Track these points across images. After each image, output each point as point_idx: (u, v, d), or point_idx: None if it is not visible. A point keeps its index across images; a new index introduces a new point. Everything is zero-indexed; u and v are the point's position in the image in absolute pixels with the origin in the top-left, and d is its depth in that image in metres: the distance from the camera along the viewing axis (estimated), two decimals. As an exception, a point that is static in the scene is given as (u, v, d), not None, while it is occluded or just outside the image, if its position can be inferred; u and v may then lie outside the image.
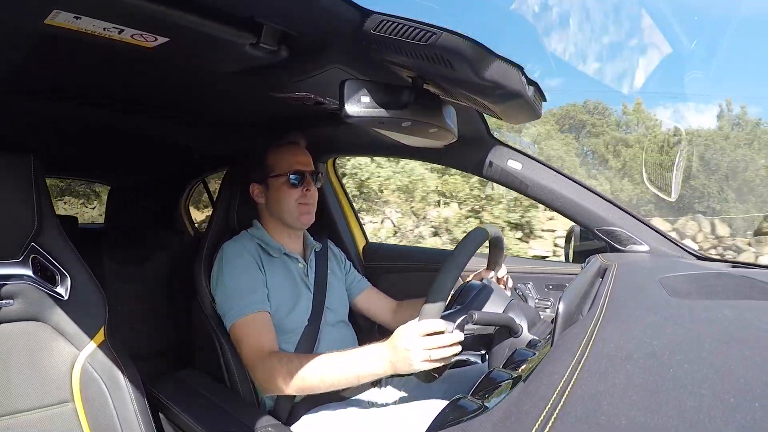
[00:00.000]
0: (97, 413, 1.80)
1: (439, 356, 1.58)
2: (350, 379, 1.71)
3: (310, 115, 2.12)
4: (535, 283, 2.44)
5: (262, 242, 2.15)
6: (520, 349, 1.60)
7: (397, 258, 2.98)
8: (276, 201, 2.15)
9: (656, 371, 0.73)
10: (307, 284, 2.20)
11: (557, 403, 0.69)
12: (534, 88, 1.31)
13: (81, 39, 1.31)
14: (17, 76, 1.78)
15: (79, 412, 1.80)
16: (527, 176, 2.17)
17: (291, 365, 1.78)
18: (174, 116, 2.53)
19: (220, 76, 1.68)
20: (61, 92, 2.10)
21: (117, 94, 2.15)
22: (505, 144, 2.22)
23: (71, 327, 1.82)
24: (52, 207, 1.90)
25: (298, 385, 1.76)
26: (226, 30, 1.31)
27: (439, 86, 1.36)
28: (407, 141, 1.55)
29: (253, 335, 1.91)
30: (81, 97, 2.16)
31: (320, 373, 1.73)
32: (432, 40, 1.12)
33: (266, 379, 1.82)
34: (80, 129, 2.78)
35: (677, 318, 0.99)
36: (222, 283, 2.02)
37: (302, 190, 2.14)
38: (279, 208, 2.15)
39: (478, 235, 1.75)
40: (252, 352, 1.88)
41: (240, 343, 1.93)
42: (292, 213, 2.14)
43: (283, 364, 1.80)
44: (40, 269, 1.82)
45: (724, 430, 0.56)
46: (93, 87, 2.04)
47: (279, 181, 2.14)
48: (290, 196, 2.13)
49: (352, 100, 1.23)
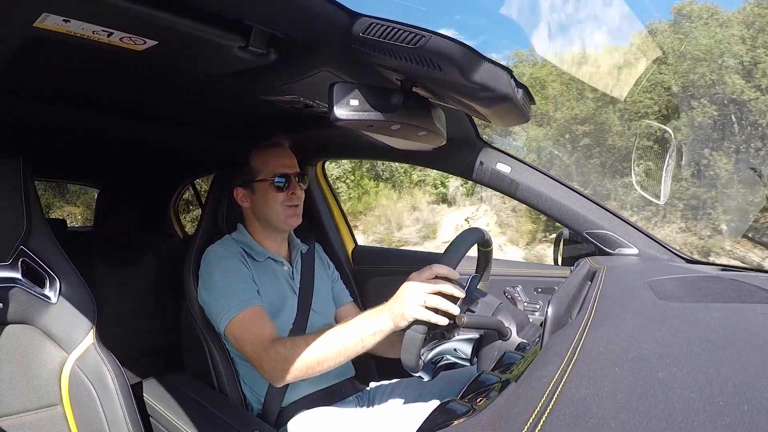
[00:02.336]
0: (86, 416, 1.80)
1: (434, 303, 1.57)
2: (355, 344, 1.70)
3: (300, 118, 2.12)
4: (524, 286, 2.44)
5: (246, 246, 2.14)
6: (509, 352, 1.60)
7: (386, 261, 2.98)
8: (262, 204, 2.14)
9: (645, 374, 0.73)
10: (292, 287, 2.19)
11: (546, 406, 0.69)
12: (523, 91, 1.31)
13: (70, 42, 1.30)
14: (5, 79, 1.77)
15: (67, 414, 1.79)
16: (516, 179, 2.17)
17: (297, 347, 1.77)
18: (163, 119, 2.52)
19: (209, 79, 1.67)
20: (50, 95, 2.09)
21: (106, 97, 2.14)
22: (495, 147, 2.23)
23: (60, 330, 1.82)
24: (41, 210, 1.90)
25: (307, 364, 1.74)
26: (215, 33, 1.30)
27: (428, 89, 1.37)
28: (396, 144, 1.55)
29: (253, 328, 1.89)
30: (70, 99, 2.15)
31: (326, 347, 1.72)
32: (421, 43, 1.12)
33: (275, 367, 1.80)
34: (69, 131, 2.77)
35: (666, 321, 0.99)
36: (211, 286, 2.01)
37: (288, 194, 2.13)
38: (265, 211, 2.14)
39: (474, 232, 1.79)
40: (256, 344, 1.86)
41: (241, 339, 1.90)
42: (279, 215, 2.13)
43: (288, 348, 1.78)
44: (28, 272, 1.82)
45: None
46: (82, 90, 2.03)
47: (264, 185, 2.12)
48: (276, 199, 2.12)
49: (341, 103, 1.22)
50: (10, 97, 2.05)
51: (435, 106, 1.42)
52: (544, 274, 2.49)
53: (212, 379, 2.08)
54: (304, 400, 2.01)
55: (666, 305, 1.15)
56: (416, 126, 1.36)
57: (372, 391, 2.23)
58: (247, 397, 2.06)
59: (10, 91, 1.98)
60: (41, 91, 2.03)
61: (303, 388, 2.04)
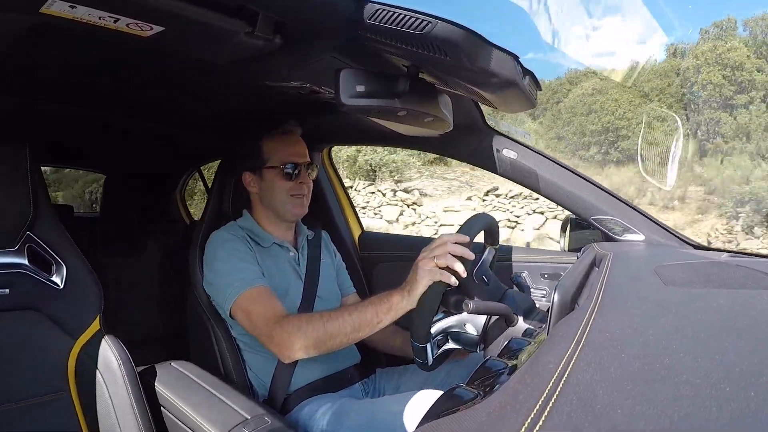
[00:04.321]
0: (93, 402, 1.81)
1: (443, 263, 1.61)
2: (370, 319, 1.72)
3: (306, 104, 2.11)
4: (530, 272, 2.44)
5: (251, 233, 2.15)
6: (516, 338, 1.60)
7: (392, 247, 2.99)
8: (269, 191, 2.15)
9: (651, 360, 0.73)
10: (298, 273, 2.20)
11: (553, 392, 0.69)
12: (529, 77, 1.31)
13: (76, 28, 1.30)
14: (11, 65, 1.77)
15: (74, 400, 1.80)
16: (522, 165, 2.16)
17: (311, 319, 1.78)
18: (168, 106, 2.52)
19: (215, 66, 1.67)
20: (56, 81, 2.08)
21: (112, 84, 2.13)
22: (501, 132, 2.22)
23: (67, 316, 1.83)
24: (48, 196, 1.91)
25: (320, 338, 1.75)
26: (222, 18, 1.30)
27: (434, 75, 1.36)
28: (402, 130, 1.55)
29: (261, 304, 1.90)
30: (76, 86, 2.15)
31: (341, 321, 1.74)
32: (427, 29, 1.12)
33: (286, 340, 1.79)
34: (75, 118, 2.77)
35: (673, 307, 0.99)
36: (215, 268, 2.02)
37: (296, 182, 2.13)
38: (272, 198, 2.15)
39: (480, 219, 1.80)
40: (266, 319, 1.86)
41: (249, 315, 1.90)
42: (285, 204, 2.14)
43: (303, 320, 1.80)
44: (35, 258, 1.82)
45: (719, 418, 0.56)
46: (88, 77, 2.03)
47: (273, 172, 2.13)
48: (283, 187, 2.12)
49: (348, 89, 1.22)
50: (17, 83, 2.05)
51: (441, 92, 1.42)
52: (551, 260, 2.48)
53: (218, 366, 2.08)
54: (309, 387, 2.01)
55: (673, 291, 1.14)
56: (422, 112, 1.36)
57: (378, 377, 2.23)
58: (253, 383, 2.07)
59: (17, 77, 1.98)
60: (47, 77, 2.02)
61: (308, 375, 2.04)
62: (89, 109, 2.49)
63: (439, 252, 1.63)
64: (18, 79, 2.00)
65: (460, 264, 1.62)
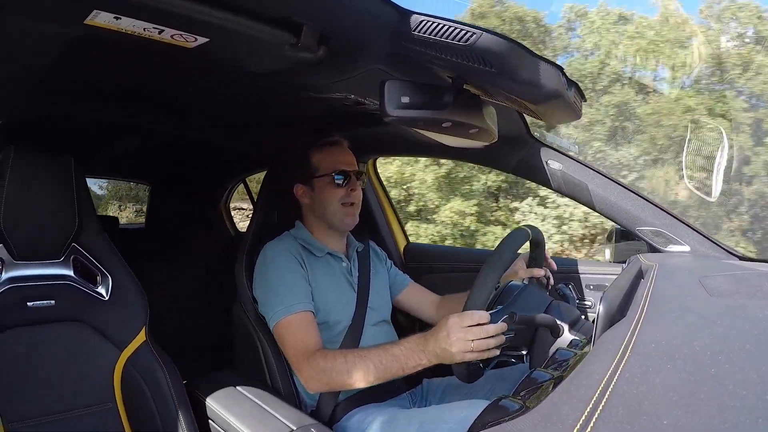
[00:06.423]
0: (138, 413, 1.83)
1: (480, 347, 1.60)
2: (395, 371, 1.73)
3: (350, 116, 2.13)
4: (575, 284, 2.42)
5: (304, 242, 2.15)
6: (562, 349, 1.60)
7: (437, 258, 2.98)
8: (320, 201, 2.15)
9: (697, 371, 0.73)
10: (351, 283, 2.20)
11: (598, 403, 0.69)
12: (574, 88, 1.30)
13: (121, 40, 1.32)
14: (57, 77, 1.80)
15: (120, 411, 1.82)
16: (567, 177, 2.15)
17: (336, 362, 1.80)
18: (213, 116, 2.55)
19: (259, 77, 1.68)
20: (101, 93, 2.12)
21: (157, 95, 2.17)
22: (546, 143, 2.20)
23: (112, 327, 1.85)
24: (93, 207, 1.93)
25: (345, 382, 1.78)
26: (266, 30, 1.31)
27: (478, 86, 1.36)
28: (447, 141, 1.55)
29: (297, 335, 1.92)
30: (120, 97, 2.18)
31: (365, 368, 1.75)
32: (472, 41, 1.13)
33: (312, 377, 1.84)
34: (119, 129, 2.81)
35: (718, 318, 0.98)
36: (265, 283, 2.03)
37: (347, 190, 2.14)
38: (323, 208, 2.15)
39: (519, 235, 1.77)
40: (297, 351, 1.89)
41: (284, 342, 1.94)
42: (337, 214, 2.15)
43: (329, 361, 1.81)
44: (81, 269, 1.85)
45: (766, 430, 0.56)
46: (132, 88, 2.06)
47: (323, 182, 2.14)
48: (335, 196, 2.13)
49: (393, 101, 1.23)
50: (62, 95, 2.09)
51: (486, 104, 1.42)
52: (596, 272, 2.46)
53: (265, 377, 2.09)
54: (358, 396, 2.01)
55: (718, 302, 1.13)
56: (467, 123, 1.37)
57: (425, 387, 2.23)
58: (300, 393, 2.08)
59: (62, 89, 2.01)
60: (92, 88, 2.06)
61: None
62: (133, 120, 2.52)
63: (474, 335, 1.61)
64: (64, 91, 2.04)
65: (495, 350, 1.63)
